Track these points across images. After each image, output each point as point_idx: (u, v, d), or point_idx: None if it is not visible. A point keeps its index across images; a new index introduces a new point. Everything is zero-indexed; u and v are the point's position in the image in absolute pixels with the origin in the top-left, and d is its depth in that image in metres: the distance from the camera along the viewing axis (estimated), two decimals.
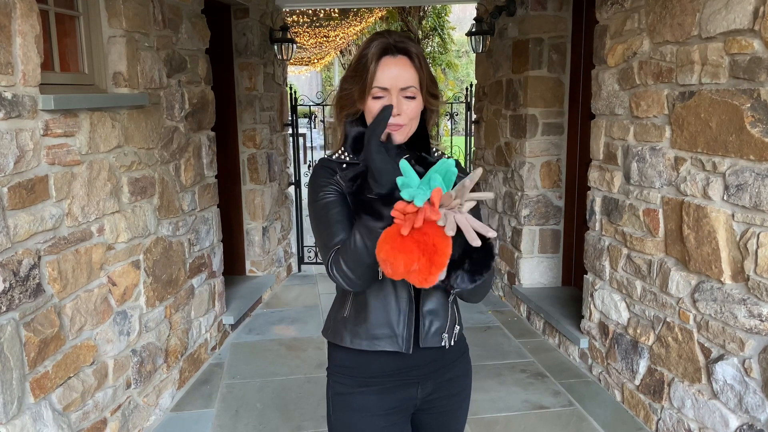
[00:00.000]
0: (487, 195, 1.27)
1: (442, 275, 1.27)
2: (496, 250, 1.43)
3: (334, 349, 1.53)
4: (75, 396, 2.42)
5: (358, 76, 1.40)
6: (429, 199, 1.20)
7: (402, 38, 1.41)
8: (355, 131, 1.45)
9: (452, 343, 1.51)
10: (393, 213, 1.19)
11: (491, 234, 1.22)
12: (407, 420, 1.54)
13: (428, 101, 1.43)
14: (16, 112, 2.08)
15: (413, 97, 1.39)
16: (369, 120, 1.41)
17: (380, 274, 1.31)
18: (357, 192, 1.34)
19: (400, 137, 1.40)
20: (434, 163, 1.40)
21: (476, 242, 1.19)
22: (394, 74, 1.37)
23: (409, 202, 1.20)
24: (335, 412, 1.53)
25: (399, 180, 1.23)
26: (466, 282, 1.31)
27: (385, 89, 1.37)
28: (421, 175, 1.28)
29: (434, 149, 1.52)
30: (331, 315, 1.56)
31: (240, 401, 3.31)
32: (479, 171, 1.21)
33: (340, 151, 1.47)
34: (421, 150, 1.47)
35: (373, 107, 1.39)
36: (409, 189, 1.21)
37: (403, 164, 1.23)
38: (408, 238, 1.19)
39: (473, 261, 1.30)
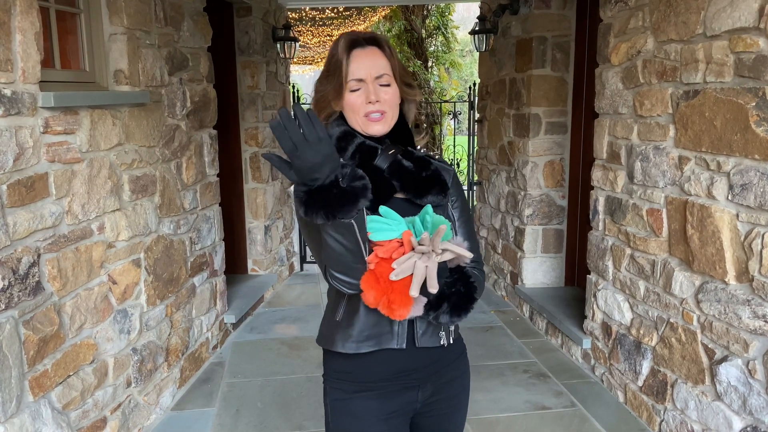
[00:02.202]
0: (465, 253, 1.29)
1: (419, 311, 1.29)
2: (477, 293, 1.42)
3: (330, 356, 1.50)
4: (74, 394, 2.41)
5: (331, 75, 1.40)
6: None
7: (368, 33, 1.44)
8: (338, 130, 1.41)
9: (451, 341, 1.49)
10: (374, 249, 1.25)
11: (432, 290, 1.25)
12: (407, 424, 1.52)
13: (403, 90, 1.44)
14: (16, 109, 2.07)
15: (388, 85, 1.39)
16: (350, 115, 1.40)
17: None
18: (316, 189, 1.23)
19: (382, 127, 1.40)
20: (422, 157, 1.45)
21: (414, 293, 1.22)
22: (366, 64, 1.38)
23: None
24: (334, 419, 1.49)
25: (370, 221, 1.26)
26: (447, 320, 1.35)
27: (360, 80, 1.37)
28: (407, 170, 1.36)
29: (420, 147, 1.51)
30: (324, 322, 1.53)
31: (241, 400, 3.30)
32: (444, 227, 1.24)
33: None
34: (405, 144, 1.46)
35: (351, 101, 1.38)
36: (382, 230, 1.26)
37: (383, 209, 1.28)
38: (374, 273, 1.26)
39: (451, 304, 1.33)
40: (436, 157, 1.51)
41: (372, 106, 1.37)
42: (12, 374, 2.04)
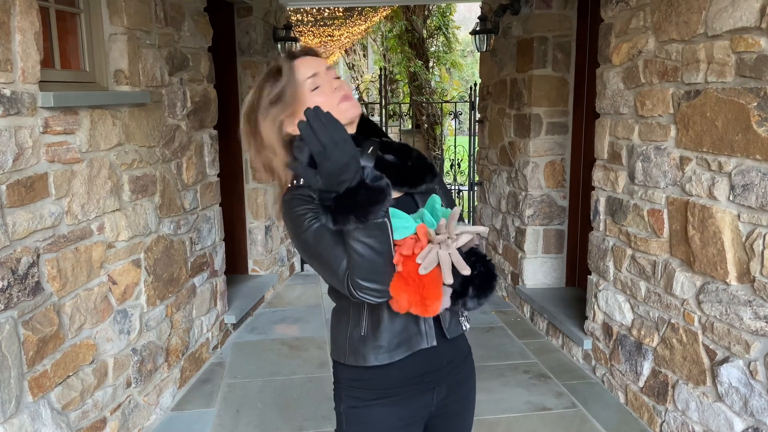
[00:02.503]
0: (480, 229, 1.29)
1: (447, 302, 1.29)
2: (496, 270, 1.45)
3: (349, 369, 1.43)
4: (74, 395, 2.40)
5: (278, 101, 1.35)
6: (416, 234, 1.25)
7: (298, 50, 1.47)
8: (307, 152, 1.25)
9: (468, 325, 1.49)
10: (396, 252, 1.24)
11: (465, 272, 1.24)
12: (422, 428, 1.51)
13: None
14: (15, 109, 2.06)
15: (339, 77, 1.40)
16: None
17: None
18: (335, 197, 1.19)
19: (356, 107, 1.38)
20: (401, 145, 1.44)
21: (449, 280, 1.22)
22: (312, 62, 1.38)
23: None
24: (348, 427, 1.46)
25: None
26: (475, 304, 1.33)
27: (315, 75, 1.36)
28: (392, 165, 1.34)
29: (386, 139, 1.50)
30: (340, 337, 1.45)
31: (241, 401, 3.30)
32: (457, 210, 1.25)
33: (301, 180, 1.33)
34: (374, 134, 1.44)
35: (317, 99, 1.33)
36: (399, 227, 1.26)
37: (392, 210, 1.26)
38: (402, 275, 1.24)
39: (476, 286, 1.32)
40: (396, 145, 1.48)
41: (339, 90, 1.36)
42: (11, 374, 2.04)
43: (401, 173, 1.37)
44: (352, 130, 1.38)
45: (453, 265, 1.24)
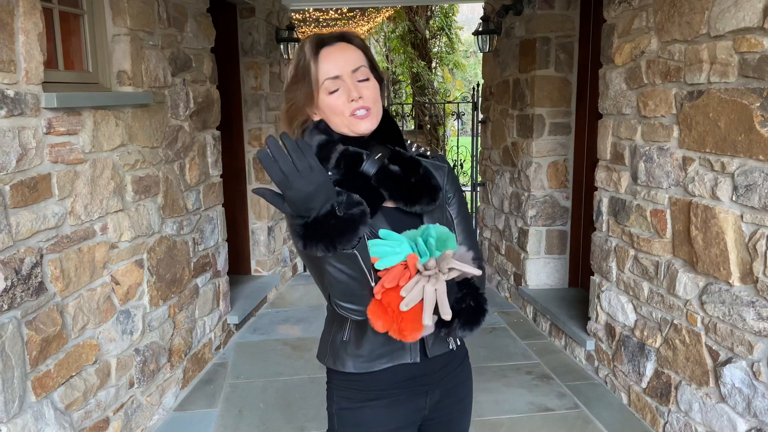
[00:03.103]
0: (473, 272, 1.24)
1: (430, 330, 1.24)
2: (488, 304, 1.38)
3: (336, 373, 1.44)
4: (77, 395, 2.41)
5: (300, 82, 1.31)
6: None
7: (335, 31, 1.37)
8: (317, 140, 1.31)
9: (458, 343, 1.46)
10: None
11: (446, 317, 1.20)
12: (415, 431, 1.50)
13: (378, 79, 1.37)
14: (19, 110, 2.07)
15: (367, 79, 1.32)
16: (332, 118, 1.32)
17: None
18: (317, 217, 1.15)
19: (370, 123, 1.31)
20: (411, 159, 1.35)
21: (428, 321, 1.18)
22: (339, 60, 1.30)
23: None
24: (340, 428, 1.45)
25: (372, 245, 1.21)
26: (460, 333, 1.29)
27: (336, 78, 1.29)
28: (395, 177, 1.29)
29: (409, 142, 1.43)
30: (325, 339, 1.47)
31: (243, 401, 3.30)
32: (450, 252, 1.21)
33: None
34: (394, 143, 1.36)
35: (331, 103, 1.30)
36: (386, 254, 1.21)
37: (383, 232, 1.23)
38: (380, 303, 1.21)
39: (462, 320, 1.28)
40: (428, 153, 1.44)
41: (356, 103, 1.29)
42: (14, 374, 2.05)
43: (401, 187, 1.31)
44: (365, 132, 1.33)
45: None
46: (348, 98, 1.29)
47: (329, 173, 1.28)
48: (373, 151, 1.31)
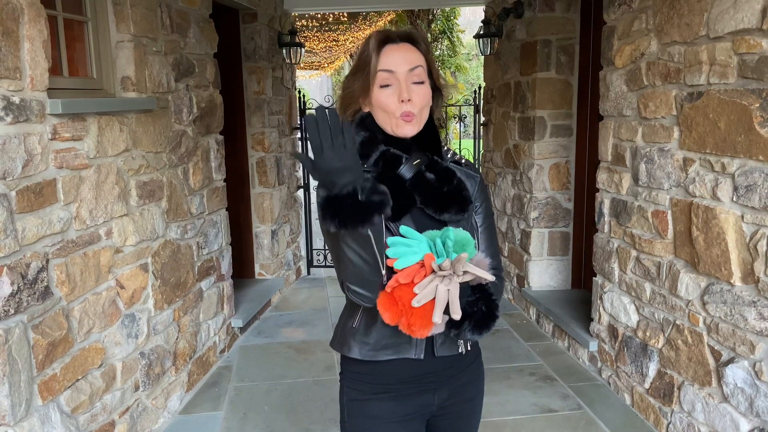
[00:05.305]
0: (487, 276, 1.26)
1: (440, 329, 1.27)
2: (499, 311, 1.40)
3: (347, 357, 1.48)
4: (83, 398, 2.43)
5: (359, 72, 1.35)
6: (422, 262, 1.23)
7: (403, 29, 1.39)
8: (362, 135, 1.36)
9: (468, 348, 1.48)
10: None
11: (455, 316, 1.23)
12: (423, 426, 1.51)
13: (436, 91, 1.39)
14: (24, 116, 2.10)
15: (422, 82, 1.33)
16: (379, 114, 1.35)
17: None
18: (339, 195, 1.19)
19: (413, 128, 1.33)
20: (446, 169, 1.39)
21: (437, 319, 1.21)
22: (398, 57, 1.32)
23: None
24: (350, 419, 1.48)
25: (391, 245, 1.24)
26: (469, 336, 1.32)
27: (390, 72, 1.31)
28: (429, 184, 1.32)
29: (446, 148, 1.46)
30: (339, 325, 1.52)
31: (248, 404, 3.32)
32: (465, 255, 1.23)
33: None
34: (432, 151, 1.39)
35: (383, 99, 1.32)
36: (404, 254, 1.24)
37: (404, 229, 1.26)
38: (391, 295, 1.24)
39: (473, 323, 1.30)
40: (463, 161, 1.47)
41: (405, 106, 1.30)
42: (21, 378, 2.07)
43: (433, 194, 1.35)
44: (406, 135, 1.35)
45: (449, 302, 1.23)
46: (399, 98, 1.31)
47: (368, 169, 1.32)
48: (413, 157, 1.35)
